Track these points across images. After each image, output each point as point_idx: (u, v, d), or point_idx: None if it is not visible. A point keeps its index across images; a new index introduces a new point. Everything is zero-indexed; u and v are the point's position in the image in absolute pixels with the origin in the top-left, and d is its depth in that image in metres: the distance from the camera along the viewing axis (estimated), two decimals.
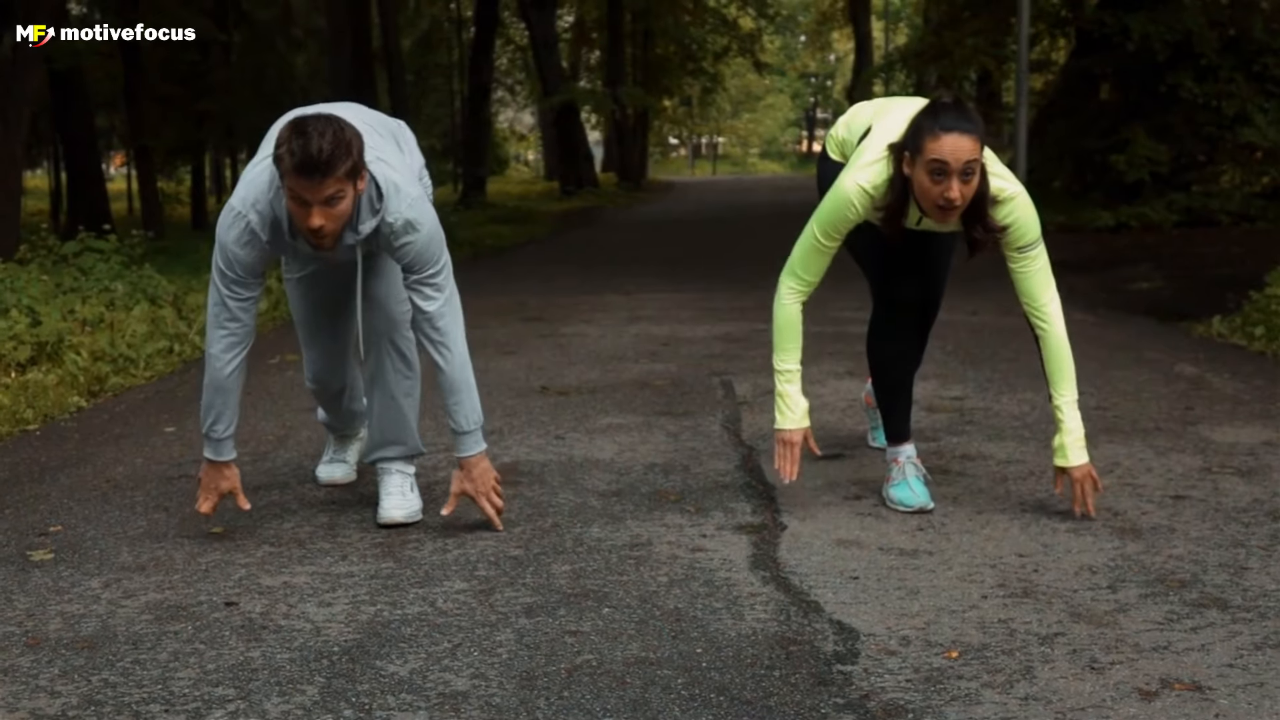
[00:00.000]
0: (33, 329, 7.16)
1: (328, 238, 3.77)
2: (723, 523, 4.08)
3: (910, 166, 3.89)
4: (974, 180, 3.84)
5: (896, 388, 4.40)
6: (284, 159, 3.67)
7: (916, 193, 3.92)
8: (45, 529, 4.14)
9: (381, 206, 3.87)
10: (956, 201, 3.82)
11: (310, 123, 3.68)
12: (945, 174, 3.79)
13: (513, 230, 21.35)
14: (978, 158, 3.81)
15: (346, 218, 3.78)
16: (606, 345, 7.99)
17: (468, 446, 4.06)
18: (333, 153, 3.63)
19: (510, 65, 48.27)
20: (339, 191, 3.68)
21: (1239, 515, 4.06)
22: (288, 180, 3.69)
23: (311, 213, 3.69)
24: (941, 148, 3.77)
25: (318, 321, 4.48)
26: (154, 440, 5.49)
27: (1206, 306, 9.27)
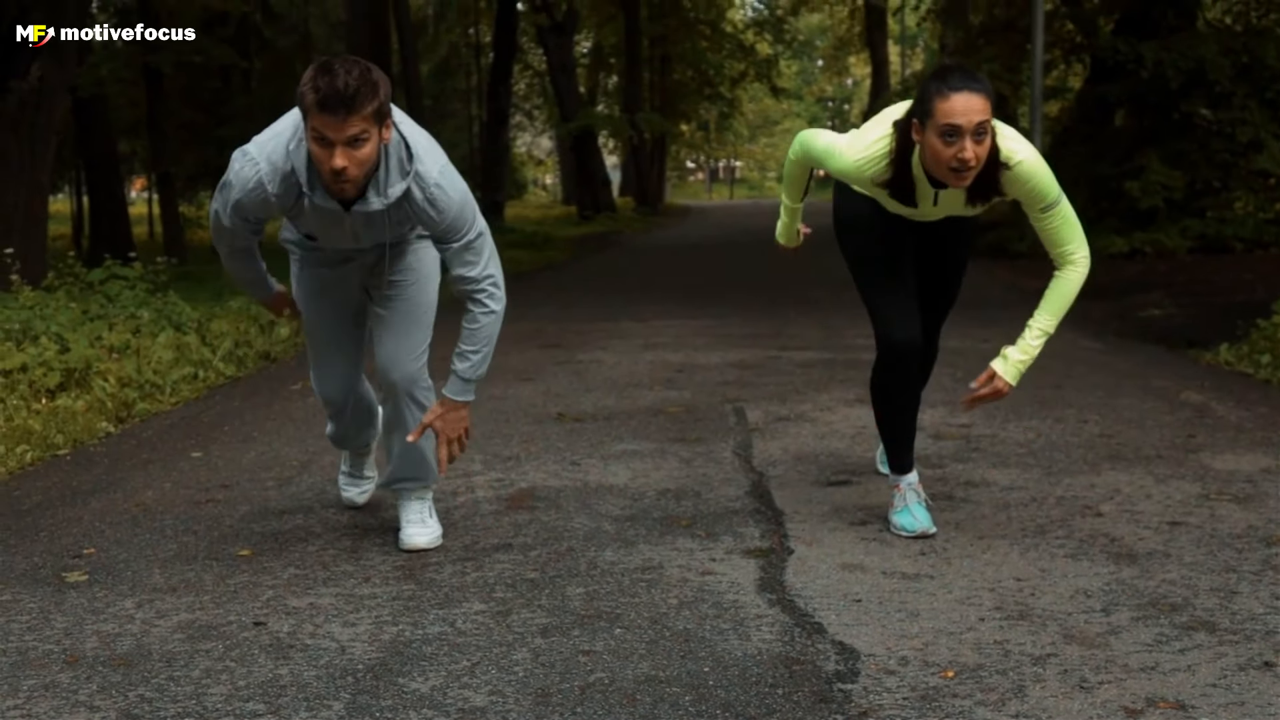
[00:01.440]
0: (62, 356, 7.33)
1: (350, 183, 3.69)
2: (732, 547, 4.22)
3: (920, 133, 3.89)
4: (987, 141, 3.84)
5: (898, 423, 4.46)
6: (307, 95, 3.58)
7: (929, 160, 3.91)
8: (79, 551, 4.29)
9: (412, 168, 3.81)
10: (971, 162, 3.81)
11: (337, 61, 3.62)
12: (958, 135, 3.79)
13: (531, 255, 21.53)
14: (989, 118, 3.81)
15: (371, 165, 3.71)
16: (622, 372, 8.14)
17: (460, 392, 4.09)
18: (359, 88, 3.55)
19: (528, 90, 48.54)
20: (364, 132, 3.61)
21: (1233, 541, 4.19)
22: (311, 119, 3.61)
23: (335, 153, 3.61)
24: (952, 108, 3.78)
25: (325, 335, 4.40)
26: (181, 465, 5.64)
27: (1217, 333, 9.37)
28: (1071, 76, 25.23)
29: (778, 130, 73.16)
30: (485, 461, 5.57)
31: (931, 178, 4.02)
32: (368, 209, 3.83)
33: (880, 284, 4.35)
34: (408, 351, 4.29)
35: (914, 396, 4.47)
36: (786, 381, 7.61)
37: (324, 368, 4.47)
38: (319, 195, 3.82)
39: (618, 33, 40.52)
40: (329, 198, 3.82)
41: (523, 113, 50.02)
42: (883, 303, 4.35)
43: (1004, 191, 4.03)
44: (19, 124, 11.84)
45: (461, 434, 4.12)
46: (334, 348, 4.42)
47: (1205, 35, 19.66)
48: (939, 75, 3.87)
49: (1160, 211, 18.71)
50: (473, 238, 3.94)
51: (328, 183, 3.72)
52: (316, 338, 4.44)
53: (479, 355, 4.09)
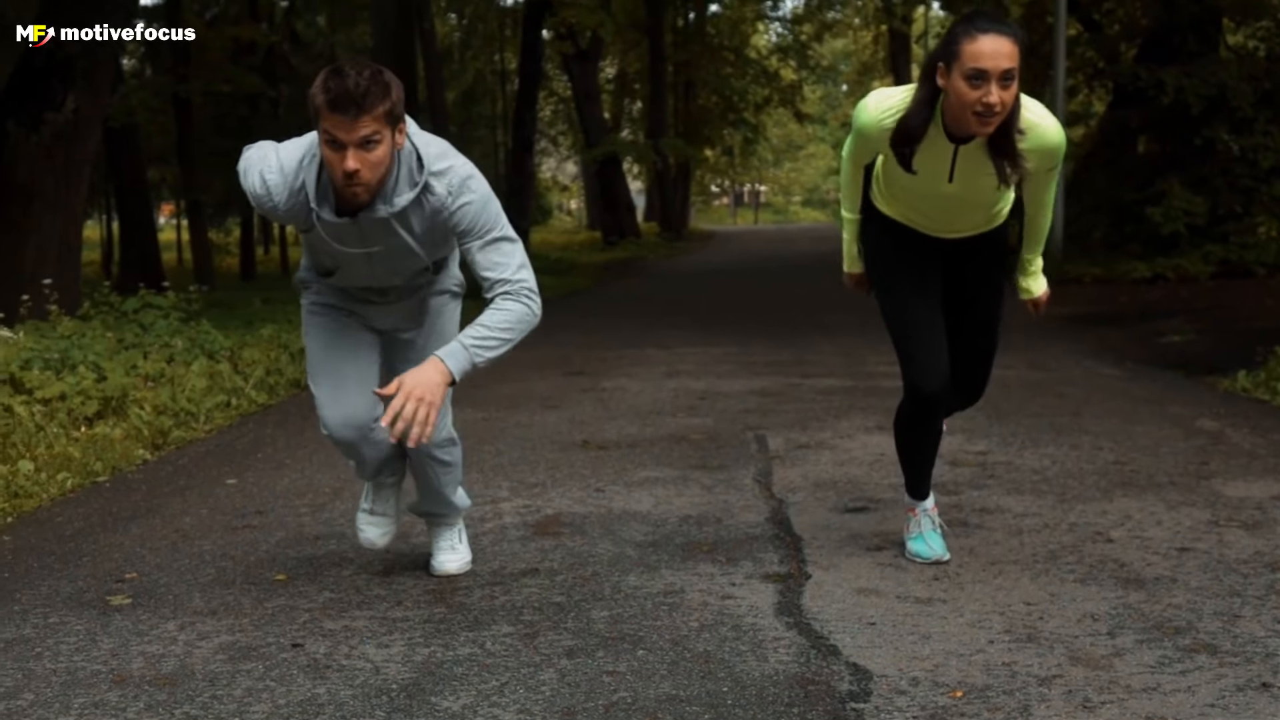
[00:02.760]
0: (99, 384, 7.51)
1: (362, 187, 3.60)
2: (751, 572, 4.35)
3: (946, 78, 3.78)
4: (1013, 88, 3.73)
5: (919, 457, 4.52)
6: (317, 97, 3.53)
7: (953, 106, 3.79)
8: (122, 576, 4.45)
9: (422, 179, 3.73)
10: (996, 106, 3.70)
11: (348, 63, 3.58)
12: (984, 79, 3.68)
13: (556, 281, 21.69)
14: (1016, 65, 3.70)
15: (384, 168, 3.63)
16: (646, 400, 8.29)
17: (453, 356, 3.72)
18: (369, 88, 3.50)
19: (553, 116, 48.85)
20: (376, 133, 3.54)
21: (1239, 566, 4.31)
22: (322, 121, 3.55)
23: (346, 155, 3.55)
24: (980, 50, 3.67)
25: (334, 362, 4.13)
26: (217, 492, 5.80)
27: (1236, 360, 9.45)
28: (1096, 101, 25.36)
29: (802, 155, 73.39)
30: (512, 489, 5.71)
31: (951, 134, 3.90)
32: (374, 215, 3.73)
33: (909, 329, 4.30)
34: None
35: (937, 434, 4.52)
36: (807, 409, 7.75)
37: (332, 394, 4.11)
38: (326, 211, 3.75)
39: (642, 59, 40.84)
40: (336, 214, 3.76)
41: (548, 139, 50.32)
42: (910, 348, 4.29)
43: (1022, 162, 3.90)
44: (54, 155, 12.05)
45: (428, 402, 3.62)
46: (343, 375, 4.11)
47: (1227, 61, 19.78)
48: (967, 18, 3.76)
49: (1182, 237, 18.81)
50: (498, 235, 3.79)
51: (340, 187, 3.65)
52: (323, 367, 4.14)
53: (495, 340, 3.76)
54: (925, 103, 3.89)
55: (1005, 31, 3.71)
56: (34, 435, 6.56)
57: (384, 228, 3.80)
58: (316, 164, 3.72)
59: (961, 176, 4.00)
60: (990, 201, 4.13)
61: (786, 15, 49.57)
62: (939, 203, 4.14)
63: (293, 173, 3.75)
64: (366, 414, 4.11)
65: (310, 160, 3.73)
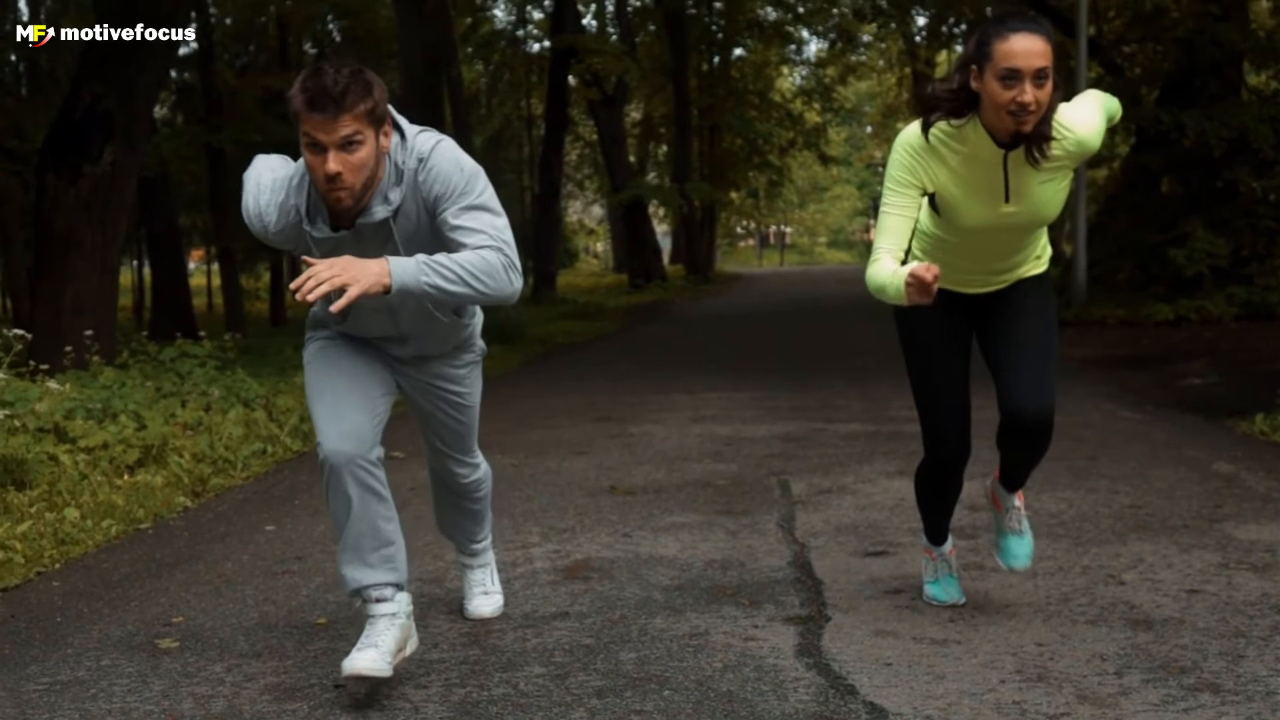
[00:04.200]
0: (139, 433, 7.72)
1: (345, 191, 3.45)
2: (773, 614, 4.51)
3: (979, 80, 3.75)
4: (1047, 86, 3.69)
5: (938, 508, 4.61)
6: (295, 98, 3.40)
7: (988, 109, 3.76)
8: (169, 620, 4.64)
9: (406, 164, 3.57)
10: (1031, 105, 3.67)
11: (328, 62, 3.45)
12: (1017, 78, 3.65)
13: (583, 326, 21.94)
14: (1050, 64, 3.67)
15: (367, 171, 3.47)
16: (672, 445, 8.46)
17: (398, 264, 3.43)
18: (349, 85, 3.37)
19: (580, 160, 49.20)
20: (357, 133, 3.41)
21: (1246, 608, 4.45)
22: (302, 124, 3.41)
23: (327, 158, 3.40)
24: (1012, 49, 3.65)
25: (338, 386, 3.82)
26: (257, 538, 6.00)
27: (1256, 402, 9.55)
28: (1120, 144, 25.53)
29: (827, 197, 73.62)
30: (543, 534, 5.89)
31: (999, 141, 3.84)
32: (372, 220, 3.55)
33: (932, 395, 4.35)
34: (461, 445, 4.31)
35: (957, 488, 4.57)
36: (830, 454, 7.91)
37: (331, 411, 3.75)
38: (320, 227, 3.62)
39: (667, 103, 41.16)
40: (328, 226, 3.61)
41: (574, 182, 50.67)
42: (932, 414, 4.37)
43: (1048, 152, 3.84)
44: (91, 206, 12.31)
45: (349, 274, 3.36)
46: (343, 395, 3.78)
47: (1248, 104, 19.95)
48: (998, 20, 3.75)
49: (1205, 278, 18.94)
50: (476, 203, 3.57)
51: (322, 192, 3.51)
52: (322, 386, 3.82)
53: (454, 273, 3.47)
54: (957, 93, 3.82)
55: (1037, 30, 3.69)
56: (79, 483, 6.76)
57: (383, 236, 3.59)
58: (306, 184, 3.60)
59: (1018, 192, 3.94)
60: (1051, 212, 4.01)
61: (810, 59, 49.75)
62: (994, 238, 4.04)
63: (283, 189, 3.63)
64: (369, 434, 3.74)
65: (302, 179, 3.61)
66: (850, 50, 43.67)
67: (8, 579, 5.27)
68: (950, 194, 3.97)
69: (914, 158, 3.94)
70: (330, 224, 3.61)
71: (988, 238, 4.07)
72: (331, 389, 3.78)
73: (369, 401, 3.81)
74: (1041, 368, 4.17)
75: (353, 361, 3.87)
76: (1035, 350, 4.19)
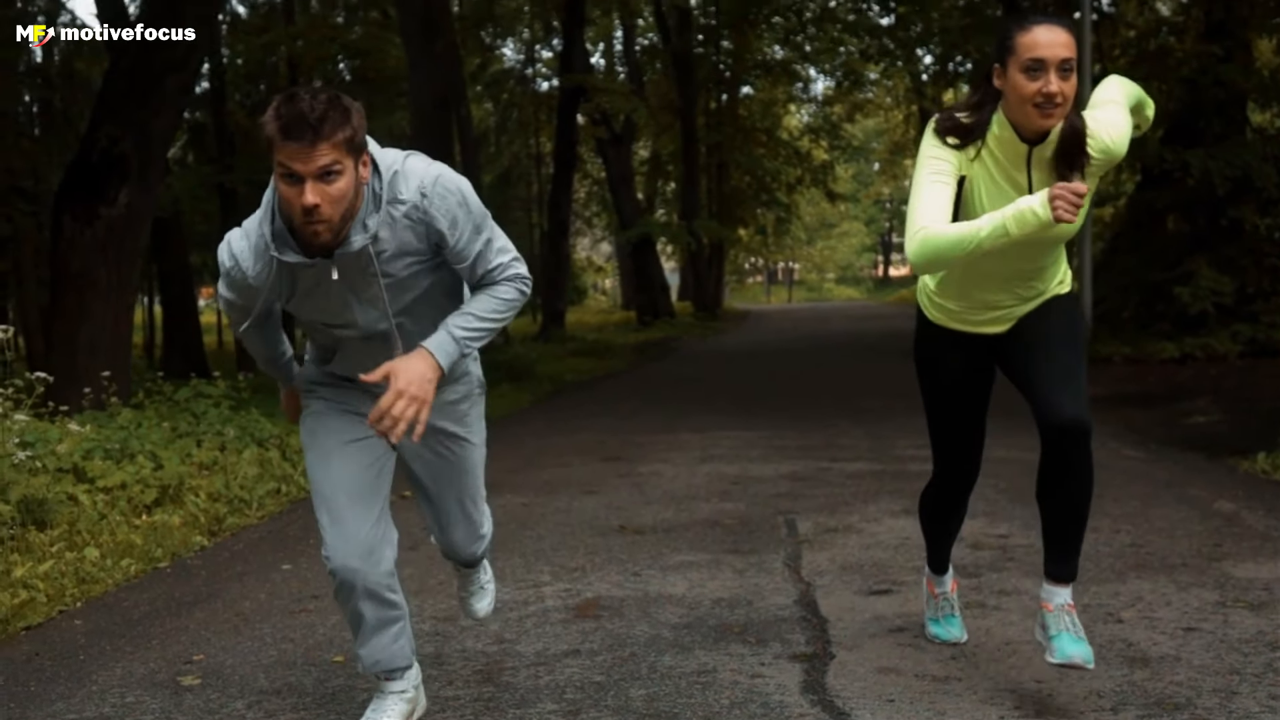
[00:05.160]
0: (156, 473, 7.85)
1: (324, 225, 3.25)
2: (780, 652, 4.62)
3: (1003, 78, 3.69)
4: (1072, 79, 3.62)
5: (942, 532, 4.67)
6: (269, 125, 3.19)
7: (1013, 104, 3.68)
8: (189, 657, 4.76)
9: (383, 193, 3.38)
10: (1057, 96, 3.59)
11: (304, 89, 3.25)
12: (1042, 68, 3.59)
13: (592, 364, 22.07)
14: (1074, 56, 3.61)
15: (346, 202, 3.26)
16: (680, 485, 8.58)
17: (442, 348, 3.46)
18: (326, 112, 3.17)
19: (588, 198, 49.43)
20: (335, 163, 3.20)
21: (1240, 646, 4.56)
22: (277, 154, 3.20)
23: (304, 189, 3.19)
24: (1035, 40, 3.60)
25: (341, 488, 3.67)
26: (273, 577, 6.12)
27: (1259, 440, 9.64)
28: (1128, 181, 25.66)
29: (835, 233, 73.87)
30: (554, 573, 6.00)
31: (1023, 136, 3.74)
32: (350, 250, 3.36)
33: (946, 427, 4.34)
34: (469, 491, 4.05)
35: (961, 514, 4.61)
36: (836, 493, 8.02)
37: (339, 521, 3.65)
38: (289, 254, 3.37)
39: (675, 141, 41.37)
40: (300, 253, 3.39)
41: (582, 219, 50.89)
42: (945, 444, 4.38)
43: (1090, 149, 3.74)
44: (107, 247, 12.47)
45: (419, 400, 3.40)
46: (350, 500, 3.67)
47: (1251, 143, 20.10)
48: (1019, 14, 3.73)
49: (1210, 316, 19.04)
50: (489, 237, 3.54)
51: (298, 225, 3.29)
52: (324, 488, 3.70)
53: (486, 330, 3.54)
54: (980, 104, 3.79)
55: (1060, 22, 3.64)
56: (98, 523, 6.89)
57: (363, 264, 3.42)
58: (276, 212, 3.39)
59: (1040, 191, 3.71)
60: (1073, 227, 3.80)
61: (818, 96, 50.04)
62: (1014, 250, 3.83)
63: (254, 231, 3.44)
64: (377, 545, 3.66)
65: (265, 214, 3.41)
66: (857, 88, 43.90)
67: (31, 617, 5.39)
68: (974, 188, 3.81)
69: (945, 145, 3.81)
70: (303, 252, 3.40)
71: (1008, 253, 3.84)
72: (331, 489, 3.66)
73: (372, 494, 3.69)
74: (1077, 379, 3.98)
75: (350, 448, 3.70)
76: (1068, 362, 4.00)
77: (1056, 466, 3.95)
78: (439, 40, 22.48)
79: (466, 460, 3.96)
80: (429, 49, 22.32)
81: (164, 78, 12.61)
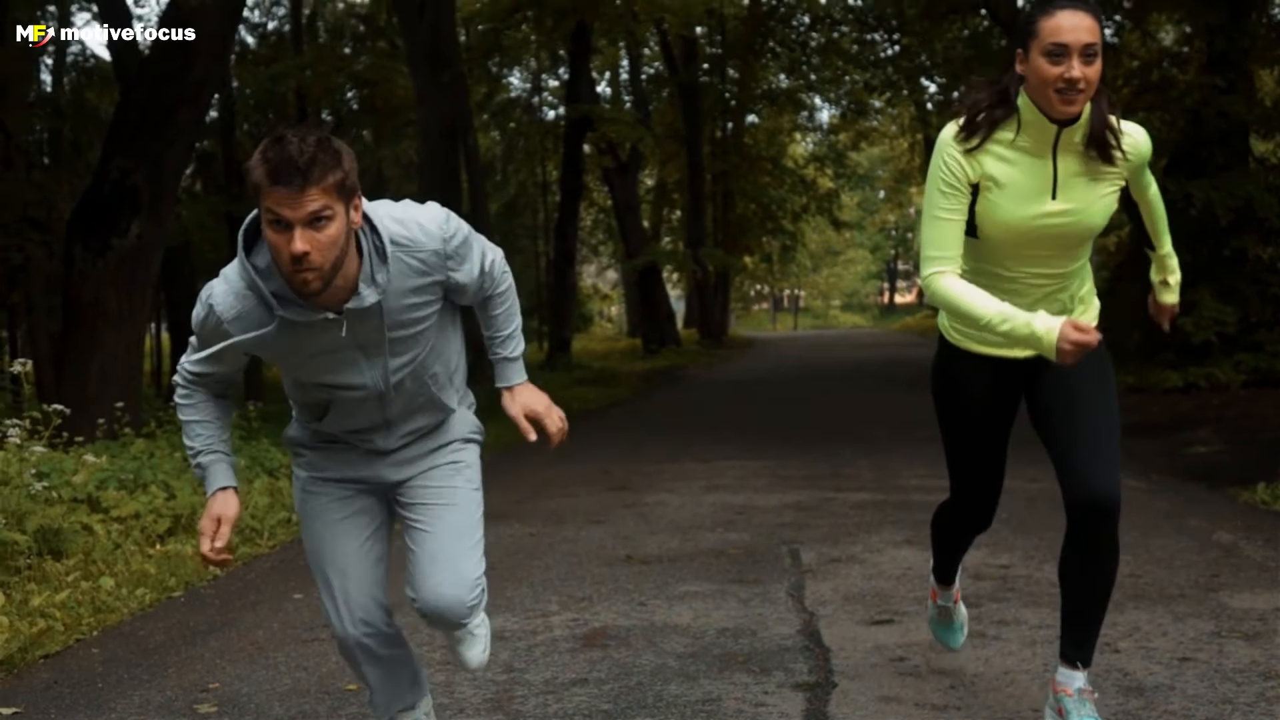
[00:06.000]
0: (169, 502, 7.97)
1: (314, 274, 3.10)
2: (783, 681, 4.72)
3: (1025, 64, 3.60)
4: (1096, 65, 3.53)
5: (951, 549, 4.54)
6: (255, 170, 3.05)
7: (1035, 88, 3.59)
8: (205, 685, 4.87)
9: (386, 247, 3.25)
10: (1080, 81, 3.51)
11: (292, 130, 3.11)
12: (1065, 53, 3.50)
13: (598, 393, 22.17)
14: (1098, 41, 3.52)
15: (337, 249, 3.11)
16: (686, 514, 8.68)
17: (520, 374, 3.66)
18: (315, 155, 3.04)
19: (594, 225, 49.58)
20: (325, 209, 3.05)
21: (1234, 675, 4.65)
22: (264, 199, 3.06)
23: (293, 236, 3.04)
24: (1059, 24, 3.51)
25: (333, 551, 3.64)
26: (286, 606, 6.22)
27: (1260, 471, 9.71)
28: None
29: (840, 260, 73.98)
30: (562, 603, 6.11)
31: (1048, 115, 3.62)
32: (362, 305, 3.24)
33: (965, 456, 4.19)
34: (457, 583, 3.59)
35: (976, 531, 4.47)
36: (840, 523, 8.12)
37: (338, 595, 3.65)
38: (293, 310, 3.22)
39: (681, 169, 41.50)
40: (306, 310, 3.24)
41: (588, 247, 51.03)
42: (964, 473, 4.23)
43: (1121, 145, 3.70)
44: (118, 278, 12.61)
45: (555, 408, 3.66)
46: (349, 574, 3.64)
47: (1254, 173, 20.21)
48: (1042, 1, 3.61)
49: (1214, 346, 19.13)
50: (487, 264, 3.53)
51: (287, 275, 3.14)
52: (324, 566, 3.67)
53: (516, 329, 3.67)
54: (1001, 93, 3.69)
55: (1084, 7, 3.54)
56: (112, 552, 7.00)
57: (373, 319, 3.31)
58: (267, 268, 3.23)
59: (1066, 186, 3.69)
60: (1097, 219, 3.75)
61: (823, 125, 50.20)
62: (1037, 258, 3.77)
63: (236, 277, 3.27)
64: (375, 610, 3.65)
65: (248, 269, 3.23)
66: (862, 117, 44.06)
67: (49, 646, 5.50)
68: (994, 187, 3.69)
69: (954, 159, 3.70)
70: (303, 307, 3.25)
71: (1031, 254, 3.76)
72: (330, 562, 3.63)
73: (370, 565, 3.65)
74: (1110, 444, 3.83)
75: (343, 525, 3.64)
76: (1100, 424, 3.85)
77: (1082, 544, 3.83)
78: (446, 71, 22.67)
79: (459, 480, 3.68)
80: (436, 79, 22.51)
81: (176, 111, 12.76)
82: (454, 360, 3.66)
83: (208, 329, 3.31)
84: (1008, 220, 3.69)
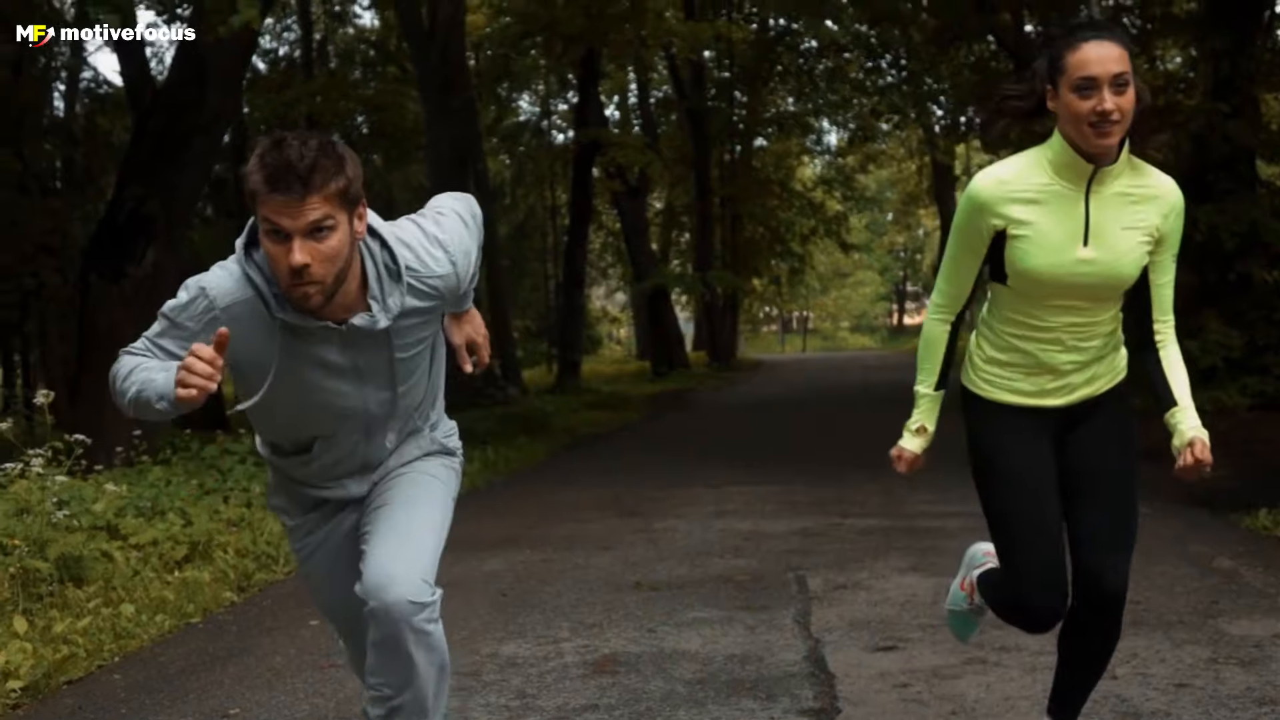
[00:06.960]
0: (186, 529, 8.10)
1: (315, 288, 2.95)
2: (789, 707, 4.84)
3: (1055, 99, 3.50)
4: (1129, 93, 3.44)
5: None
6: (253, 176, 2.89)
7: (1068, 124, 3.49)
8: (226, 711, 5.00)
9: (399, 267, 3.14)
10: (1113, 114, 3.40)
11: (292, 135, 2.95)
12: (1094, 86, 3.39)
13: (607, 416, 22.31)
14: (1128, 69, 3.42)
15: (340, 261, 2.96)
16: (695, 540, 8.80)
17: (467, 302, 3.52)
18: (317, 160, 2.88)
19: (603, 248, 49.76)
20: (327, 218, 2.90)
21: (1229, 701, 4.77)
22: (261, 208, 2.90)
23: (292, 247, 2.88)
24: (1085, 57, 3.41)
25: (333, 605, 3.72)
26: (302, 632, 6.35)
27: (1262, 496, 9.77)
28: None
29: (849, 282, 74.10)
30: (572, 629, 6.23)
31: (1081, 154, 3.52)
32: (374, 326, 3.10)
33: (1020, 538, 3.81)
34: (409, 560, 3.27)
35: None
36: (846, 550, 8.23)
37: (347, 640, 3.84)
38: (292, 314, 3.07)
39: (689, 192, 41.66)
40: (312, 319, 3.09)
41: (597, 270, 51.20)
42: (1022, 559, 3.82)
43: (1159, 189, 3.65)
44: (133, 305, 12.75)
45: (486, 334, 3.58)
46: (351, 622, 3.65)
47: (1259, 198, 20.32)
48: (1067, 31, 3.50)
49: (1220, 370, 19.21)
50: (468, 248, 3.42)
51: (285, 288, 2.99)
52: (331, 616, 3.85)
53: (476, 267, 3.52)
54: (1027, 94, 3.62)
55: (1110, 36, 3.46)
56: (131, 579, 7.13)
57: (380, 341, 3.19)
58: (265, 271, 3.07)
59: (1098, 232, 3.59)
60: (1129, 270, 3.66)
61: (831, 148, 50.38)
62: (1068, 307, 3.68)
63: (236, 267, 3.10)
64: None
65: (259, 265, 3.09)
66: (870, 141, 44.22)
67: (72, 672, 5.64)
68: (1024, 234, 3.58)
69: (980, 209, 3.60)
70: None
71: (1062, 302, 3.66)
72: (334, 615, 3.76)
73: None
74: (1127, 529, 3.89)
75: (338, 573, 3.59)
76: (1119, 510, 3.88)
77: (1086, 621, 3.89)
78: (456, 96, 22.85)
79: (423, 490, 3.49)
80: (446, 104, 22.69)
81: (190, 140, 12.95)
82: (439, 382, 3.57)
83: (188, 315, 3.12)
84: (1038, 267, 3.59)
